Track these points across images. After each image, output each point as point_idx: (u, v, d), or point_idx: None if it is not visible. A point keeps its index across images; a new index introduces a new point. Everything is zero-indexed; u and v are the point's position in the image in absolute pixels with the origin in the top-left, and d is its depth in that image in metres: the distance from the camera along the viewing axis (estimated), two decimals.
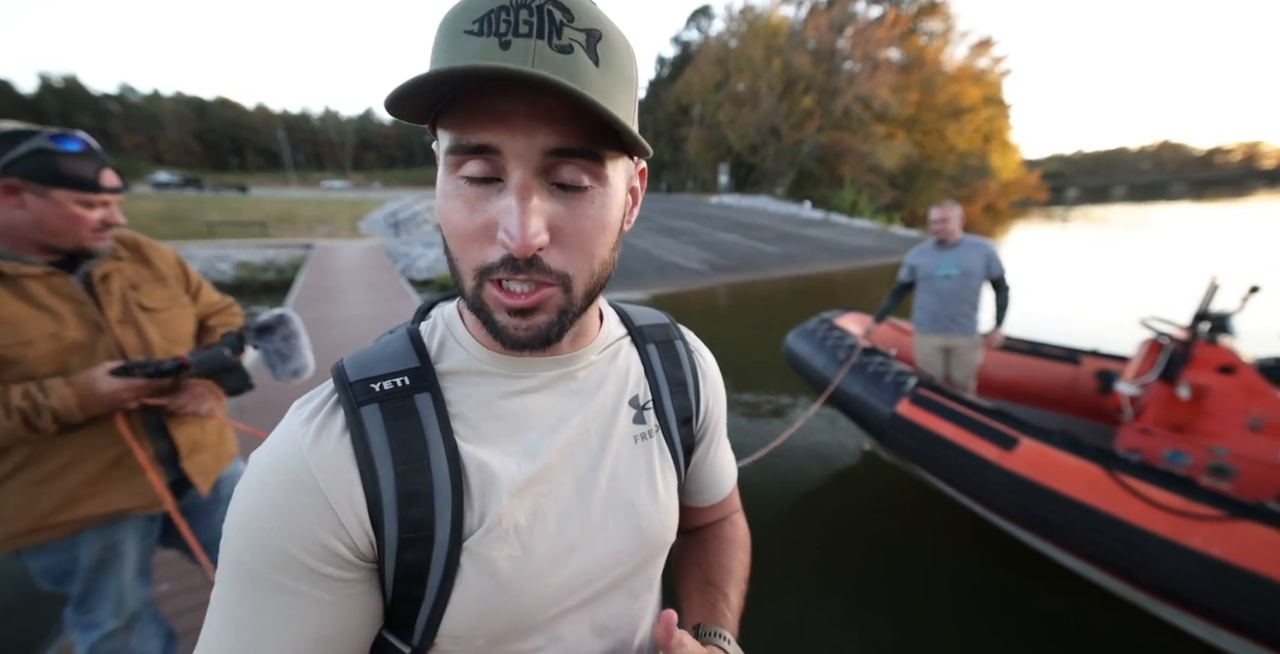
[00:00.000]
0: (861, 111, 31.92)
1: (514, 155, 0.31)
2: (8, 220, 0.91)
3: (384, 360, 0.39)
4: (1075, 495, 1.83)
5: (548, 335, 0.36)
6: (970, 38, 35.65)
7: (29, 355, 0.90)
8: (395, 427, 0.36)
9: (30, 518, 0.93)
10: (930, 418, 2.35)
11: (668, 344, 0.52)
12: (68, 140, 0.92)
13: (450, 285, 9.23)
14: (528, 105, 0.30)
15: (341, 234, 15.75)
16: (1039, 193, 50.65)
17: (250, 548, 0.34)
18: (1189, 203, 44.56)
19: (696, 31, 50.20)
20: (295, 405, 0.38)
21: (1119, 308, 7.53)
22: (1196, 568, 1.56)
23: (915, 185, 32.37)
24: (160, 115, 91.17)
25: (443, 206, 0.34)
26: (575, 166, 0.32)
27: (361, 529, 0.35)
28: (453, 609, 0.37)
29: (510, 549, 0.38)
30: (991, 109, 36.67)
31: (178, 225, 14.83)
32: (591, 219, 0.34)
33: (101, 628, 1.05)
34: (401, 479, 0.35)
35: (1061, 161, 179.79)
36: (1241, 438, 2.12)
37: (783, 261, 12.31)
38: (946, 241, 2.70)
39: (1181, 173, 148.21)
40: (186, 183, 33.96)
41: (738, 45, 36.63)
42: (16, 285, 0.91)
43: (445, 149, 0.32)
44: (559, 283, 0.34)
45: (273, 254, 11.47)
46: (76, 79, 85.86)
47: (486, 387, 0.40)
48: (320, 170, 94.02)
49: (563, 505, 0.41)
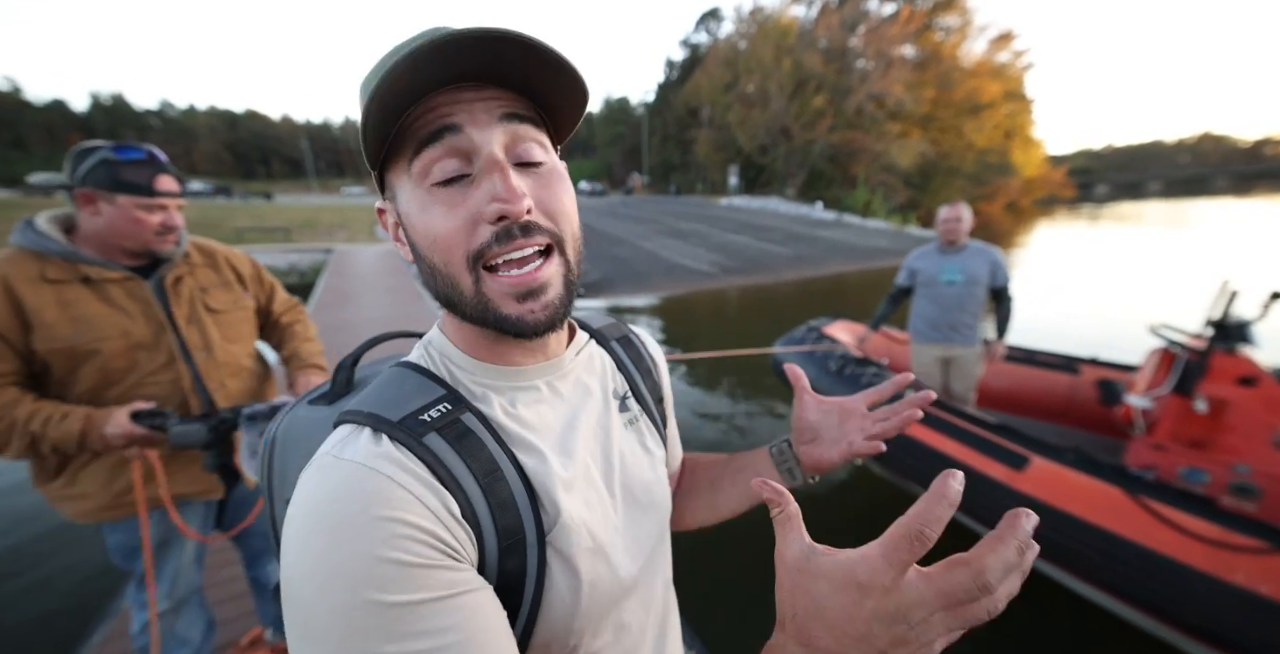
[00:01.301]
0: (875, 110, 31.47)
1: (477, 130, 0.33)
2: (92, 228, 1.02)
3: (411, 395, 0.39)
4: (1096, 521, 1.67)
5: (560, 312, 0.37)
6: (989, 32, 34.91)
7: (104, 350, 1.01)
8: (462, 446, 0.37)
9: (109, 494, 1.06)
10: (932, 435, 2.17)
11: (625, 339, 0.57)
12: (130, 150, 1.01)
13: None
14: (475, 91, 0.34)
15: (360, 239, 16.23)
16: (1065, 190, 49.10)
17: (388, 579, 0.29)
18: (1232, 198, 42.45)
19: (705, 34, 50.21)
20: (324, 457, 0.34)
21: (1144, 312, 7.29)
22: (1241, 607, 1.39)
23: (932, 184, 31.74)
24: (195, 128, 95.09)
25: (420, 222, 0.35)
26: (530, 141, 0.35)
27: (469, 541, 0.35)
28: (544, 613, 0.38)
29: (583, 540, 0.40)
30: (1013, 104, 35.77)
31: (210, 231, 15.42)
32: (558, 187, 0.37)
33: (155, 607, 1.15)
34: (488, 492, 0.36)
35: (1090, 157, 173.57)
36: (1266, 455, 1.96)
37: (794, 263, 12.23)
38: (953, 245, 2.55)
39: (1225, 166, 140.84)
40: (218, 191, 35.31)
41: (747, 46, 36.47)
42: (99, 288, 1.02)
43: (409, 164, 0.35)
44: (554, 241, 0.36)
45: (295, 258, 11.89)
46: (123, 97, 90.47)
47: (504, 400, 0.42)
48: (340, 177, 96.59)
49: (599, 495, 0.44)
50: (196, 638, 1.24)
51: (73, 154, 1.00)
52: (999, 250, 2.57)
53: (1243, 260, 11.05)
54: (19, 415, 0.94)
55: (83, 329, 0.99)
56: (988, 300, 2.59)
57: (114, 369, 1.02)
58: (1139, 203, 45.08)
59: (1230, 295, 2.25)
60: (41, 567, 2.41)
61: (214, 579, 1.78)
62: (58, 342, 0.97)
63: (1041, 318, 6.80)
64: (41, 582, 2.32)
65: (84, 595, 2.16)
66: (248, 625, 1.63)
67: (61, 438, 0.96)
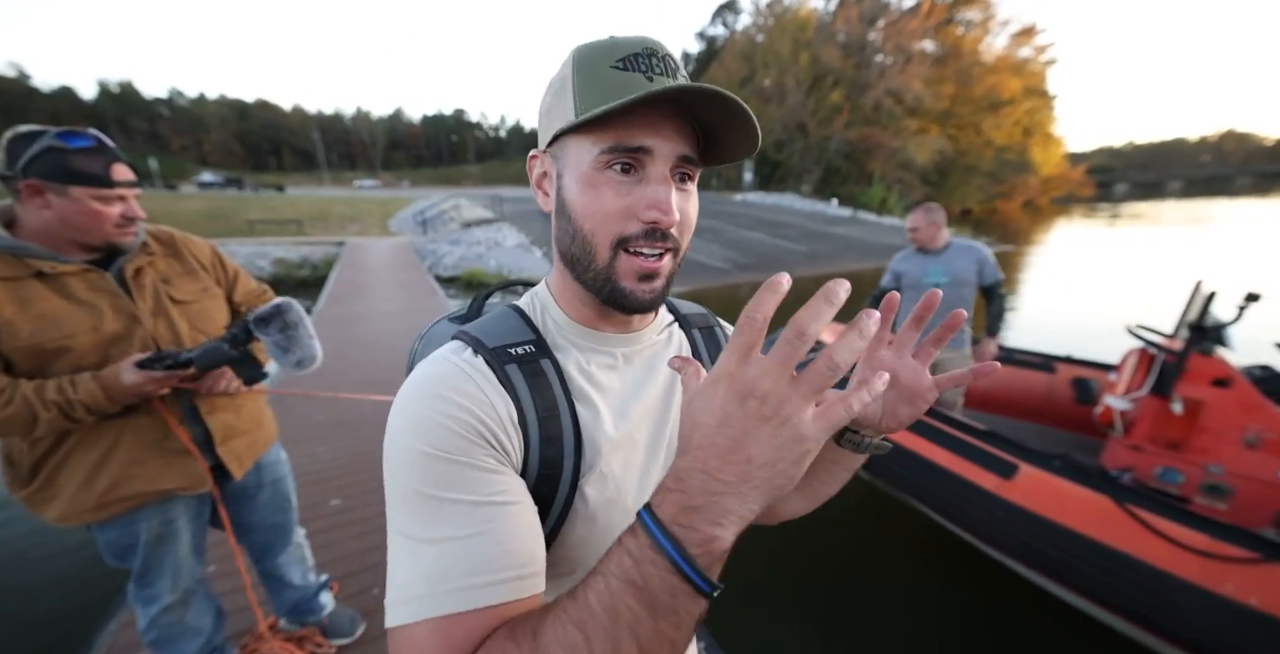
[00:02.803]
0: (892, 106, 30.96)
1: (660, 155, 0.41)
2: (40, 221, 0.94)
3: (509, 332, 0.46)
4: (1085, 531, 1.66)
5: (660, 297, 0.44)
6: (1011, 26, 34.20)
7: (74, 347, 0.95)
8: (534, 382, 0.44)
9: (91, 495, 1.01)
10: (920, 442, 2.14)
11: (709, 330, 0.59)
12: (76, 137, 0.93)
13: (477, 280, 9.42)
14: (671, 122, 0.41)
15: (372, 232, 16.24)
16: (1084, 188, 48.17)
17: (429, 435, 0.37)
18: (1254, 197, 41.35)
19: (722, 27, 49.68)
20: (436, 355, 0.44)
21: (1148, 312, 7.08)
22: (1234, 621, 1.39)
23: (949, 181, 31.26)
24: (205, 118, 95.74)
25: (585, 194, 0.42)
26: (687, 168, 0.43)
27: (518, 444, 0.41)
28: (561, 538, 0.45)
29: (608, 492, 0.46)
30: (1033, 101, 35.05)
31: (221, 223, 15.55)
32: (693, 206, 0.45)
33: (160, 601, 1.13)
34: (543, 424, 0.43)
35: (1110, 155, 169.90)
36: (1238, 455, 1.99)
37: (808, 260, 12.07)
38: (930, 248, 2.46)
39: (1247, 165, 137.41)
40: (229, 183, 35.61)
41: (764, 40, 36.03)
42: (58, 283, 0.96)
43: (599, 149, 0.40)
44: (675, 249, 0.44)
45: (308, 251, 11.90)
46: (131, 85, 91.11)
47: (582, 357, 0.48)
48: (352, 169, 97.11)
49: (640, 459, 0.49)
50: (208, 627, 1.22)
51: (8, 141, 0.91)
52: (985, 247, 2.46)
53: (1249, 260, 10.68)
54: (26, 391, 0.91)
55: (46, 327, 0.93)
56: (977, 299, 2.48)
57: (88, 365, 0.97)
58: (1159, 202, 43.98)
59: (1208, 297, 2.25)
60: (45, 567, 2.34)
61: (224, 570, 1.77)
62: (20, 340, 0.92)
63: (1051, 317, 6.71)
64: (48, 581, 2.26)
65: (88, 594, 2.10)
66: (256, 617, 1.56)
67: (88, 397, 0.93)
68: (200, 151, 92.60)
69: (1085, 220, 26.14)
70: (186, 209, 17.41)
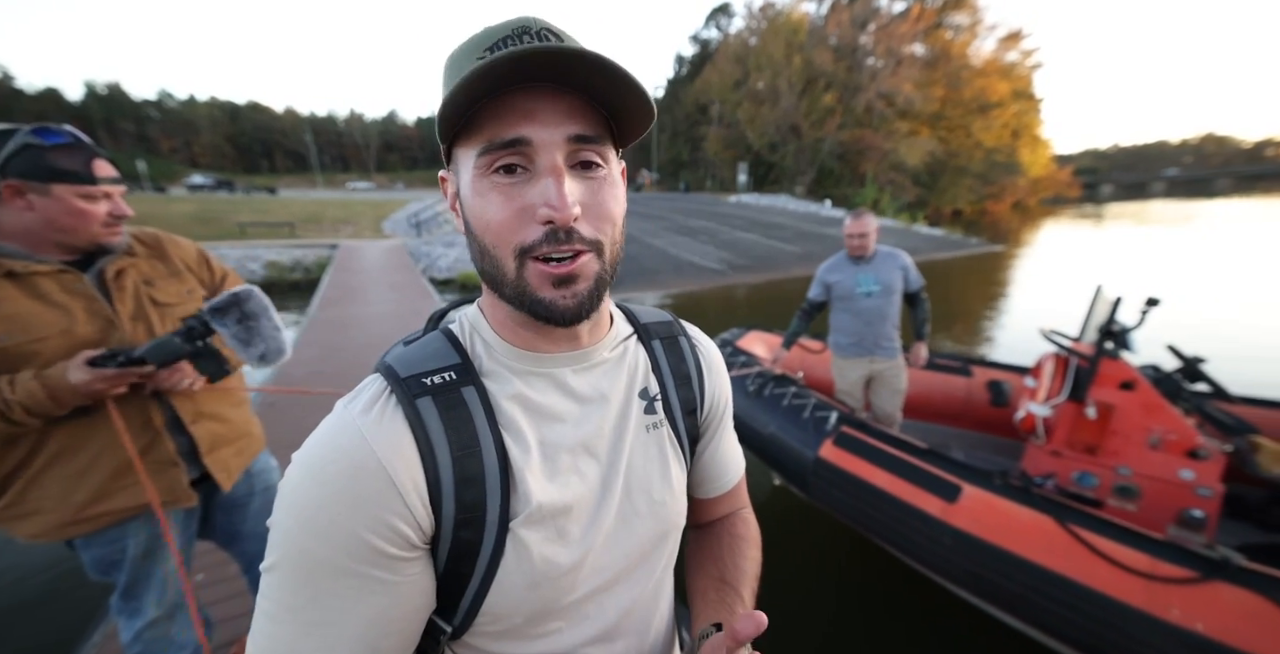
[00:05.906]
0: (884, 108, 31.28)
1: (543, 144, 0.36)
2: (22, 224, 0.90)
3: (429, 358, 0.42)
4: (1030, 557, 1.61)
5: (589, 303, 0.39)
6: (999, 31, 34.61)
7: (43, 351, 0.90)
8: (449, 416, 0.39)
9: (69, 509, 0.96)
10: (859, 463, 2.06)
11: (671, 340, 0.55)
12: (51, 134, 0.90)
13: (473, 283, 9.38)
14: (550, 102, 0.35)
15: (366, 234, 16.12)
16: (1071, 190, 48.79)
17: (315, 535, 0.35)
18: (1234, 198, 42.21)
19: (716, 30, 49.88)
20: (343, 401, 0.40)
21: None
22: (1184, 650, 1.35)
23: (940, 183, 31.55)
24: (196, 120, 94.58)
25: (476, 205, 0.38)
26: (590, 150, 0.38)
27: (424, 509, 0.38)
28: (496, 587, 0.41)
29: (546, 533, 0.41)
30: (1021, 104, 35.49)
31: (212, 226, 15.38)
32: (608, 194, 0.39)
33: (145, 616, 1.09)
34: (458, 464, 0.39)
35: (1096, 157, 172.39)
36: (1143, 456, 2.02)
37: (802, 261, 12.12)
38: (863, 257, 2.42)
39: (1227, 167, 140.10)
40: (220, 185, 35.27)
41: (758, 43, 36.22)
42: (29, 283, 0.91)
43: (476, 153, 0.37)
44: (593, 249, 0.38)
45: (300, 254, 11.78)
46: (119, 86, 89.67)
47: (520, 382, 0.43)
48: (345, 172, 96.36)
49: (590, 492, 0.44)
50: (192, 641, 1.18)
51: None
52: (904, 253, 2.49)
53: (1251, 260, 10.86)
54: None
55: (13, 329, 0.89)
56: (903, 307, 2.50)
57: None
58: (1143, 203, 44.62)
59: (1114, 302, 2.30)
60: (39, 577, 2.29)
61: (214, 577, 1.76)
62: None
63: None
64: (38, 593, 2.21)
65: (73, 607, 2.04)
66: (247, 624, 1.52)
67: (27, 397, 0.86)
68: (191, 154, 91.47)
69: (1072, 222, 26.49)
70: (176, 212, 17.21)
